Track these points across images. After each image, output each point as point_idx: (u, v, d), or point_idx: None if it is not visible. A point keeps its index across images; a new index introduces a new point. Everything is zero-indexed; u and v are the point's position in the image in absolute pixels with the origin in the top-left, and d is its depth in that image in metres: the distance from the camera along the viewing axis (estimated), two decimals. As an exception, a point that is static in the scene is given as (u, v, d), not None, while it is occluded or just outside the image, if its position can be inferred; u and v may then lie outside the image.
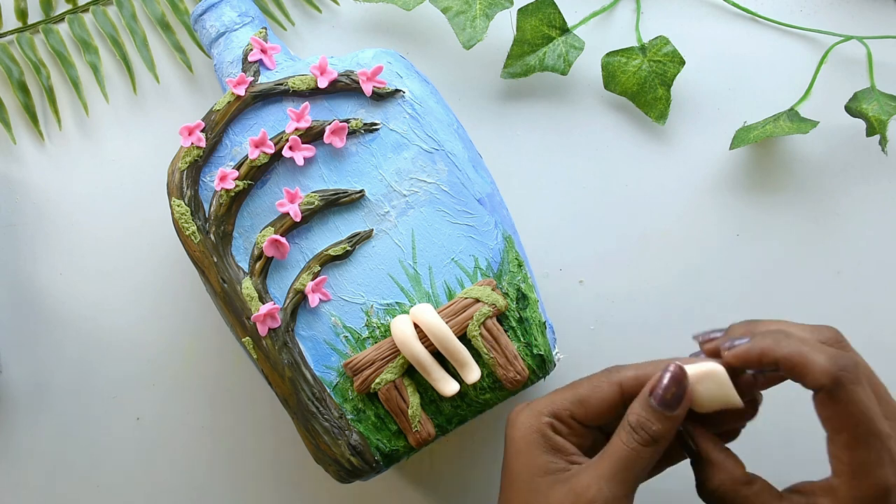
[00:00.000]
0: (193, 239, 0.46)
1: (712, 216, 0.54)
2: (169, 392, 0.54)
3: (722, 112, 0.55)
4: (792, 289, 0.54)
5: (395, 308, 0.46)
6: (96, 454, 0.54)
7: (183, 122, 0.47)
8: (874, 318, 0.54)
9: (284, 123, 0.47)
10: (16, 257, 0.54)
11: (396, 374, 0.45)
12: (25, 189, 0.55)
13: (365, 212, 0.47)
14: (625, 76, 0.54)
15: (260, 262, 0.46)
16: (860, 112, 0.51)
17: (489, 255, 0.47)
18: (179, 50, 0.55)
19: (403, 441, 0.46)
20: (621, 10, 0.56)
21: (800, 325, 0.41)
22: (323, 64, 0.47)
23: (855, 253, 0.54)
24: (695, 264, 0.54)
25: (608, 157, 0.55)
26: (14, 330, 0.54)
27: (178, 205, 0.47)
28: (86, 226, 0.55)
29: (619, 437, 0.39)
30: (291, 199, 0.47)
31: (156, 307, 0.54)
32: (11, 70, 0.55)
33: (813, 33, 0.56)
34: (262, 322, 0.46)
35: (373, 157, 0.47)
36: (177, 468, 0.54)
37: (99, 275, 0.54)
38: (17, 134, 0.55)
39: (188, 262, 0.52)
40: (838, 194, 0.54)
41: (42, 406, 0.54)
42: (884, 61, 0.55)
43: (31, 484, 0.53)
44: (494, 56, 0.55)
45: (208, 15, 0.49)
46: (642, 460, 0.39)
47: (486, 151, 0.52)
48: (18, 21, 0.56)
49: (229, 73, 0.49)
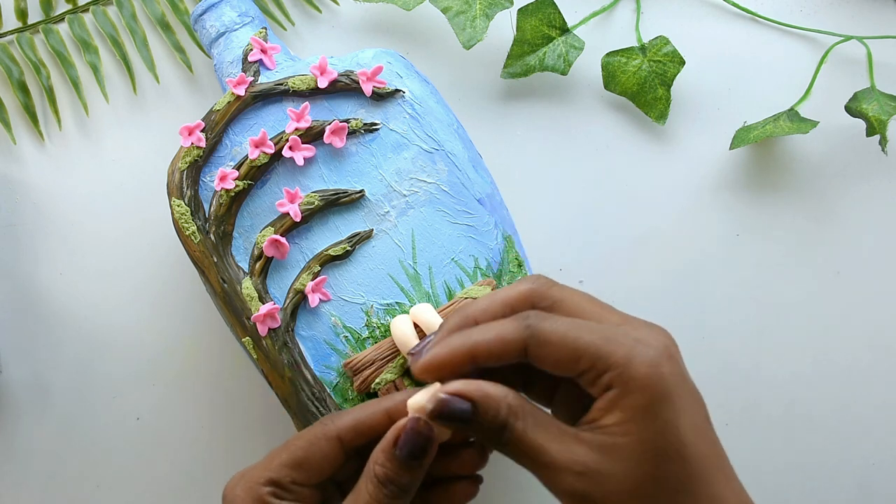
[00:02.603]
0: (193, 239, 0.46)
1: (712, 216, 0.54)
2: (169, 392, 0.54)
3: (722, 112, 0.55)
4: (792, 289, 0.54)
5: (395, 308, 0.46)
6: (96, 454, 0.54)
7: (183, 122, 0.47)
8: (874, 318, 0.54)
9: (284, 123, 0.47)
10: (16, 257, 0.54)
11: (396, 374, 0.45)
12: (25, 189, 0.55)
13: (365, 212, 0.47)
14: (625, 76, 0.54)
15: (260, 262, 0.46)
16: (860, 112, 0.51)
17: (489, 255, 0.47)
18: (179, 50, 0.55)
19: (403, 441, 0.46)
20: (621, 10, 0.56)
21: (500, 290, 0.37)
22: (323, 64, 0.47)
23: (855, 253, 0.54)
24: (695, 264, 0.54)
25: (608, 157, 0.55)
26: (14, 330, 0.54)
27: (178, 205, 0.47)
28: (86, 226, 0.55)
29: (366, 490, 0.36)
30: (291, 199, 0.47)
31: (156, 307, 0.54)
32: (11, 70, 0.55)
33: (813, 33, 0.56)
34: (262, 322, 0.46)
35: (373, 157, 0.47)
36: (177, 468, 0.54)
37: (99, 275, 0.54)
38: (17, 134, 0.55)
39: (188, 262, 0.52)
40: (838, 194, 0.54)
41: (42, 406, 0.54)
42: (884, 61, 0.55)
43: (31, 484, 0.53)
44: (494, 56, 0.55)
45: (208, 15, 0.49)
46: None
47: (486, 151, 0.52)
48: (18, 21, 0.56)
49: (229, 73, 0.49)
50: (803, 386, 0.53)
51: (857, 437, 0.53)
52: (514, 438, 0.34)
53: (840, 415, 0.53)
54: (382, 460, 0.36)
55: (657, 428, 0.33)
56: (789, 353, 0.54)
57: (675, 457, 0.33)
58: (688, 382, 0.35)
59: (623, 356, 0.33)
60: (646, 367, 0.33)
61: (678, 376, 0.34)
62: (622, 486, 0.33)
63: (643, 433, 0.33)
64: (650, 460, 0.33)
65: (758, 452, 0.53)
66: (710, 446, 0.34)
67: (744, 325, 0.54)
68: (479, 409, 0.34)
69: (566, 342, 0.34)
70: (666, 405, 0.33)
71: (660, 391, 0.33)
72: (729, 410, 0.53)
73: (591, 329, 0.34)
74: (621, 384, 0.33)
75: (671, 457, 0.33)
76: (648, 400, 0.33)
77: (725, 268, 0.54)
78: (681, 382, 0.34)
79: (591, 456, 0.33)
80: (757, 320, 0.54)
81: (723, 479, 0.34)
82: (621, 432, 0.33)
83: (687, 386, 0.34)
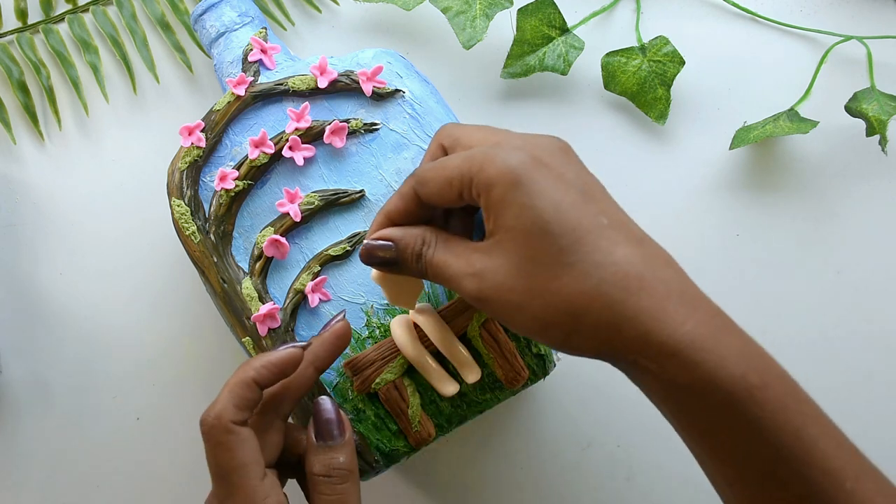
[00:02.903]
0: (193, 239, 0.46)
1: (712, 216, 0.54)
2: (169, 392, 0.54)
3: (722, 112, 0.55)
4: (792, 288, 0.54)
5: (395, 308, 0.46)
6: (96, 454, 0.54)
7: (183, 122, 0.47)
8: (874, 318, 0.54)
9: (284, 123, 0.47)
10: (16, 257, 0.54)
11: (396, 374, 0.45)
12: (25, 189, 0.55)
13: (365, 212, 0.47)
14: (625, 76, 0.54)
15: (260, 262, 0.46)
16: (860, 112, 0.51)
17: (489, 255, 0.47)
18: (179, 50, 0.55)
19: (403, 441, 0.46)
20: (621, 10, 0.56)
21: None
22: (323, 64, 0.47)
23: (855, 253, 0.54)
24: (695, 264, 0.54)
25: (608, 157, 0.55)
26: (14, 330, 0.54)
27: (178, 205, 0.47)
28: (86, 226, 0.55)
29: (318, 494, 0.39)
30: (291, 199, 0.47)
31: (156, 307, 0.54)
32: (11, 70, 0.55)
33: (813, 33, 0.56)
34: (262, 322, 0.46)
35: (373, 157, 0.47)
36: (176, 468, 0.54)
37: (99, 275, 0.54)
38: (17, 134, 0.55)
39: (188, 262, 0.52)
40: (838, 194, 0.54)
41: (42, 406, 0.54)
42: (884, 61, 0.55)
43: (31, 484, 0.53)
44: (494, 56, 0.55)
45: (208, 15, 0.49)
46: (353, 495, 0.39)
47: (486, 151, 0.52)
48: (18, 21, 0.56)
49: (229, 73, 0.49)
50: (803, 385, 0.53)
51: (856, 436, 0.53)
52: (426, 262, 0.39)
53: (840, 415, 0.53)
54: (312, 458, 0.40)
55: (515, 213, 0.35)
56: (789, 353, 0.54)
57: (539, 233, 0.35)
58: (546, 168, 0.36)
59: (478, 164, 0.36)
60: (495, 166, 0.36)
61: (529, 163, 0.36)
62: (505, 276, 0.36)
63: (507, 222, 0.36)
64: (520, 244, 0.35)
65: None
66: (586, 218, 0.35)
67: (744, 325, 0.54)
68: (399, 246, 0.39)
69: (438, 174, 0.38)
70: (517, 190, 0.35)
71: (509, 180, 0.35)
72: (729, 410, 0.53)
73: (459, 155, 0.38)
74: (483, 189, 0.36)
75: (535, 234, 0.35)
76: (502, 191, 0.36)
77: (725, 268, 0.54)
78: (533, 168, 0.36)
79: (480, 259, 0.37)
80: (757, 320, 0.54)
81: (607, 244, 0.35)
82: (495, 230, 0.36)
83: (544, 171, 0.36)
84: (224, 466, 0.38)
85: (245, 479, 0.37)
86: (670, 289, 0.36)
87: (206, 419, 0.38)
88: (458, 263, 0.38)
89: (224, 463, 0.38)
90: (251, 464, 0.38)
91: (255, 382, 0.39)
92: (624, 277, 0.35)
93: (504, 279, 0.36)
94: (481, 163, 0.36)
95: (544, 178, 0.36)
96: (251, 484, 0.37)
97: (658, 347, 0.34)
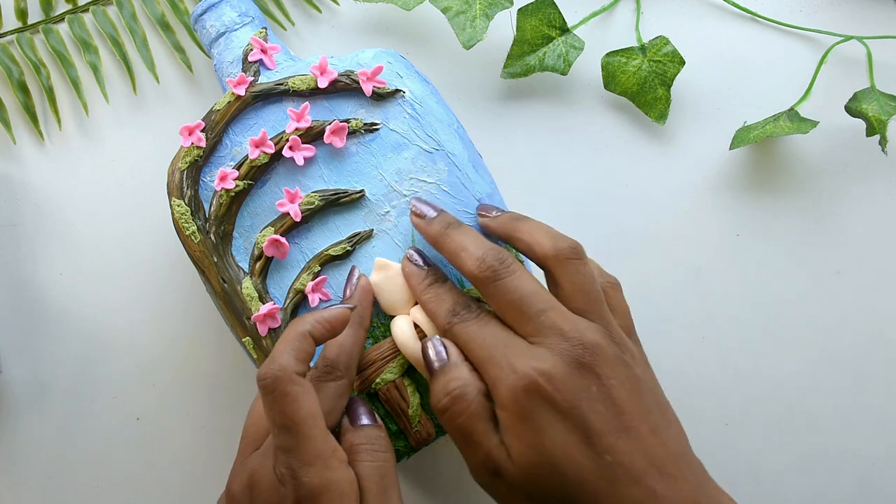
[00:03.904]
0: (193, 239, 0.46)
1: (712, 216, 0.54)
2: (169, 392, 0.54)
3: (722, 112, 0.55)
4: (792, 289, 0.54)
5: (395, 308, 0.46)
6: (96, 454, 0.54)
7: (183, 122, 0.47)
8: (874, 318, 0.54)
9: (284, 123, 0.47)
10: (16, 257, 0.54)
11: (396, 374, 0.45)
12: (25, 189, 0.55)
13: (365, 212, 0.47)
14: (625, 76, 0.54)
15: (260, 262, 0.46)
16: (860, 112, 0.51)
17: (489, 255, 0.47)
18: (179, 50, 0.55)
19: (404, 441, 0.46)
20: (621, 10, 0.56)
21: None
22: (323, 64, 0.47)
23: (855, 253, 0.54)
24: (695, 264, 0.54)
25: (608, 158, 0.55)
26: (14, 330, 0.54)
27: (178, 205, 0.47)
28: (86, 226, 0.55)
29: (360, 462, 0.39)
30: (291, 199, 0.47)
31: (156, 307, 0.54)
32: (11, 70, 0.55)
33: (813, 33, 0.56)
34: (262, 322, 0.46)
35: (373, 157, 0.47)
36: (176, 468, 0.54)
37: (99, 275, 0.54)
38: (17, 134, 0.55)
39: (188, 262, 0.52)
40: (838, 194, 0.54)
41: (42, 406, 0.54)
42: (884, 61, 0.55)
43: (31, 484, 0.53)
44: (494, 56, 0.55)
45: (208, 15, 0.49)
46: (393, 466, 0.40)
47: (486, 151, 0.52)
48: (18, 21, 0.56)
49: (229, 73, 0.49)
50: (803, 386, 0.53)
51: (856, 436, 0.53)
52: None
53: (840, 414, 0.53)
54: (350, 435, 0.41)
55: (528, 441, 0.38)
56: (789, 353, 0.54)
57: (549, 468, 0.37)
58: (553, 409, 0.38)
59: (492, 378, 0.39)
60: (505, 392, 0.38)
61: (536, 403, 0.38)
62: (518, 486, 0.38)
63: (518, 445, 0.38)
64: (531, 463, 0.38)
65: (758, 452, 0.53)
66: (599, 468, 0.37)
67: (744, 325, 0.54)
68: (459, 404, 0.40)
69: (469, 351, 0.40)
70: (526, 426, 0.38)
71: (517, 414, 0.38)
72: (729, 410, 0.53)
73: (485, 344, 0.40)
74: (495, 400, 0.39)
75: (545, 467, 0.37)
76: (513, 419, 0.38)
77: (725, 268, 0.54)
78: (537, 409, 0.38)
79: (501, 452, 0.39)
80: (757, 320, 0.54)
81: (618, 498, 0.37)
82: (506, 437, 0.38)
83: (551, 414, 0.38)
84: (292, 416, 0.37)
85: (314, 430, 0.37)
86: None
87: (269, 372, 0.37)
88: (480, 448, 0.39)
89: (292, 413, 0.37)
90: (318, 415, 0.38)
91: (311, 335, 0.39)
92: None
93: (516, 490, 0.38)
94: (494, 381, 0.39)
95: (550, 419, 0.38)
96: (320, 434, 0.37)
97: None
